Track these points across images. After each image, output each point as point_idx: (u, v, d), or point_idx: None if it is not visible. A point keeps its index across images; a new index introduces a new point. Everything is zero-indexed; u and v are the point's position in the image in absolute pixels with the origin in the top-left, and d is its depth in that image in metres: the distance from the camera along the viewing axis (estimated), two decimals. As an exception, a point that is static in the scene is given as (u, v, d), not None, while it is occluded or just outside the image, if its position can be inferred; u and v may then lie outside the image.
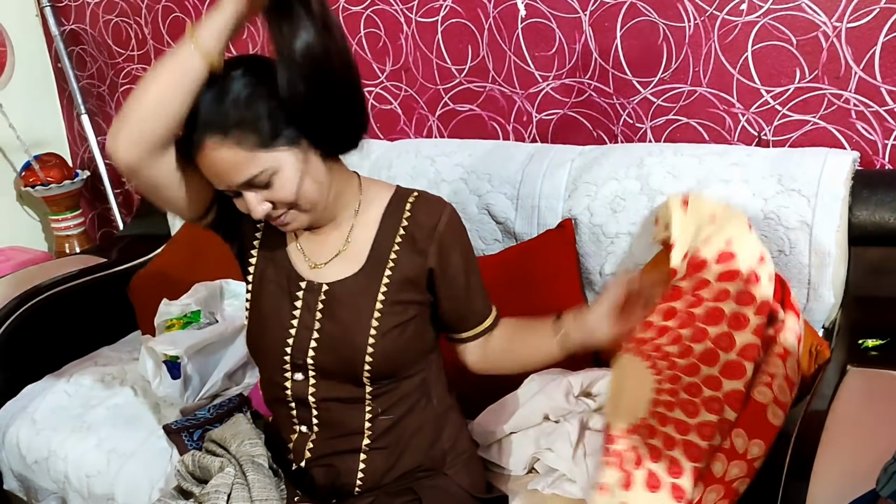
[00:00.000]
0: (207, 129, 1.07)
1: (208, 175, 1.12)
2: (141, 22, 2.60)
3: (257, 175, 1.09)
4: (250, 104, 1.07)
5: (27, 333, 2.02)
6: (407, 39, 2.13)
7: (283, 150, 1.10)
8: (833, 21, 1.62)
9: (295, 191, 1.13)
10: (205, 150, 1.08)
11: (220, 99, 1.07)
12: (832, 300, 1.52)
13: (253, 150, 1.08)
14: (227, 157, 1.08)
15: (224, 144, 1.07)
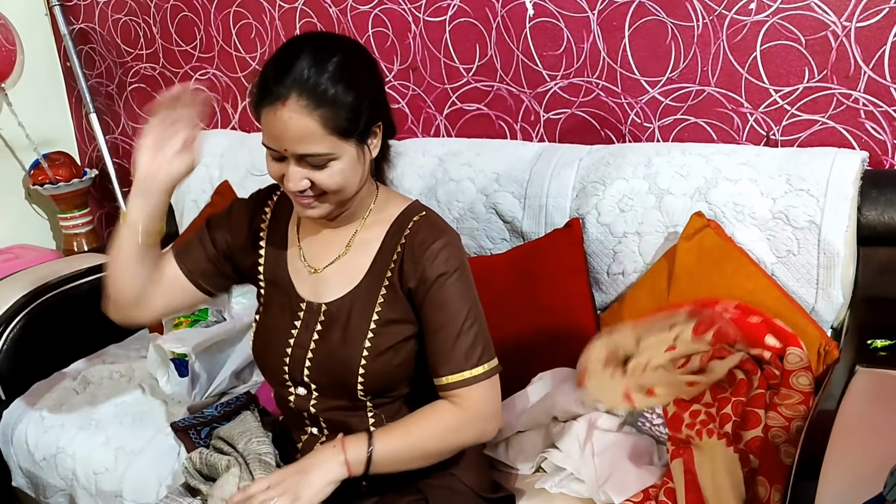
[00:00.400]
0: (301, 89, 1.08)
1: (270, 132, 1.11)
2: (150, 21, 2.61)
3: (320, 154, 1.11)
4: (347, 88, 1.10)
5: (36, 331, 2.03)
6: (415, 39, 2.13)
7: (351, 144, 1.13)
8: (842, 20, 1.61)
9: (341, 183, 1.14)
10: (286, 105, 1.08)
11: (322, 70, 1.09)
12: (841, 300, 1.51)
13: (331, 132, 1.10)
14: (304, 126, 1.08)
15: (309, 114, 1.08)
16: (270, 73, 1.11)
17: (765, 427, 1.31)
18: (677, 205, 1.63)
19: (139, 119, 2.79)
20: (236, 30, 2.44)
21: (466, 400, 1.19)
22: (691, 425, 1.33)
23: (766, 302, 1.49)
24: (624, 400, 1.37)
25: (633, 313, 1.62)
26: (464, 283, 1.21)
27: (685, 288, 1.56)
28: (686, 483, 1.27)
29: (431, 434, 1.20)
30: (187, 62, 2.59)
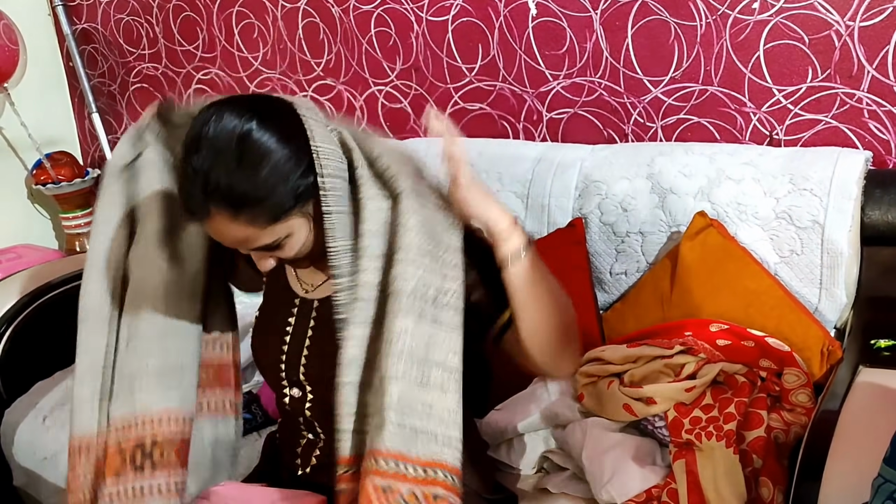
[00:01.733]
0: (214, 202, 1.00)
1: (212, 235, 1.07)
2: (152, 21, 2.61)
3: (269, 244, 1.06)
4: (266, 179, 1.00)
5: (38, 330, 2.02)
6: (417, 38, 2.12)
7: (295, 217, 1.05)
8: (846, 20, 1.61)
9: (305, 248, 1.09)
10: (211, 221, 1.03)
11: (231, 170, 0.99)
12: (844, 300, 1.51)
13: (266, 225, 1.03)
14: (236, 232, 1.03)
15: (234, 222, 1.01)
16: (182, 187, 1.04)
17: (767, 427, 1.30)
18: (680, 204, 1.63)
19: (141, 119, 2.79)
20: (239, 30, 2.44)
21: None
22: (690, 430, 1.33)
23: (769, 302, 1.49)
24: (624, 411, 1.38)
25: (636, 313, 1.62)
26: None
27: (688, 288, 1.55)
28: (688, 484, 1.27)
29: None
30: (190, 62, 2.59)
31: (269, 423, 1.71)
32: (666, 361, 1.42)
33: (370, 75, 2.24)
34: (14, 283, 2.10)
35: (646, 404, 1.38)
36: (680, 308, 1.55)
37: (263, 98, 1.07)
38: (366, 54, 2.23)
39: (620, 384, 1.43)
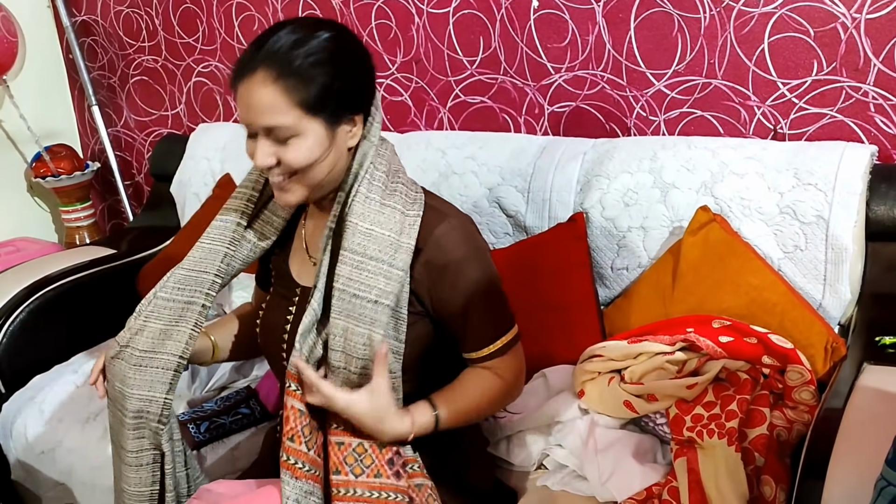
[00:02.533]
0: (270, 61, 1.09)
1: (240, 105, 1.13)
2: (152, 13, 2.59)
3: (281, 127, 1.10)
4: (318, 66, 1.10)
5: (36, 324, 2.02)
6: (418, 31, 2.11)
7: (318, 122, 1.12)
8: (852, 12, 1.59)
9: (306, 161, 1.13)
10: (254, 77, 1.09)
11: (296, 44, 1.10)
12: (848, 296, 1.49)
13: (296, 105, 1.10)
14: (268, 96, 1.09)
15: (274, 83, 1.09)
16: (247, 50, 1.13)
17: (770, 425, 1.29)
18: (683, 199, 1.61)
19: (141, 111, 2.78)
20: (239, 22, 2.42)
21: (501, 368, 1.26)
22: (692, 428, 1.32)
23: (773, 298, 1.47)
24: (625, 408, 1.37)
25: (638, 309, 1.60)
26: (478, 263, 1.22)
27: (690, 283, 1.54)
28: (689, 482, 1.26)
29: (482, 399, 1.26)
30: (189, 54, 2.57)
31: (267, 419, 1.70)
32: (667, 358, 1.40)
33: (371, 68, 2.23)
34: (13, 276, 2.10)
35: (647, 401, 1.37)
36: (682, 304, 1.53)
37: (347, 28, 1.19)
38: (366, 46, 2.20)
39: (621, 381, 1.41)
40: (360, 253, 1.15)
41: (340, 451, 1.19)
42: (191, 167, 2.38)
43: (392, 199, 1.19)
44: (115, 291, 2.22)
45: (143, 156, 2.85)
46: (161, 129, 2.76)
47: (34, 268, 2.14)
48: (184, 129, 2.69)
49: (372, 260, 1.15)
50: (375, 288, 1.15)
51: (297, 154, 1.12)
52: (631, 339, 1.46)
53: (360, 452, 1.19)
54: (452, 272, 1.19)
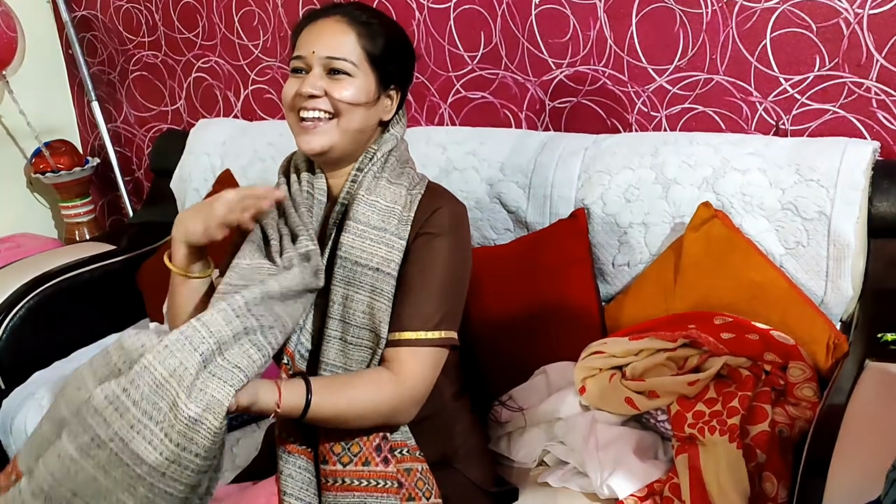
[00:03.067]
0: (344, 12, 1.22)
1: (305, 41, 1.21)
2: (152, 8, 2.59)
3: (344, 59, 1.19)
4: (386, 33, 1.23)
5: (36, 320, 2.02)
6: (419, 26, 2.10)
7: (373, 76, 1.22)
8: (855, 8, 1.58)
9: (353, 99, 1.20)
10: (329, 18, 1.21)
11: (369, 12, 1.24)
12: (850, 293, 1.49)
13: (362, 49, 1.20)
14: (341, 34, 1.20)
15: (349, 26, 1.20)
16: (317, 8, 1.26)
17: (771, 422, 1.29)
18: (684, 195, 1.60)
19: (141, 107, 2.77)
20: (238, 17, 2.42)
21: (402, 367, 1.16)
22: (693, 425, 1.32)
23: (774, 294, 1.47)
24: (626, 404, 1.36)
25: (639, 305, 1.60)
26: (450, 246, 1.21)
27: (692, 280, 1.53)
28: (691, 479, 1.25)
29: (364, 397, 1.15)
30: (189, 50, 2.57)
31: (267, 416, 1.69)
32: (669, 354, 1.40)
33: (371, 63, 2.22)
34: (13, 272, 2.10)
35: (648, 398, 1.37)
36: (683, 300, 1.53)
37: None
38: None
39: (622, 377, 1.41)
40: (364, 222, 1.20)
41: (328, 439, 1.19)
42: (191, 163, 2.38)
43: (399, 180, 1.26)
44: (115, 287, 2.22)
45: (143, 151, 2.85)
46: (161, 125, 2.75)
47: (34, 264, 2.14)
48: (184, 124, 2.68)
49: (374, 229, 1.20)
50: (377, 256, 1.19)
51: (347, 90, 1.20)
52: (632, 336, 1.46)
53: (348, 441, 1.18)
54: (424, 245, 1.21)
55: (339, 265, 1.19)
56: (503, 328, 1.63)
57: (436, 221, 1.22)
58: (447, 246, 1.21)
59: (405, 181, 1.26)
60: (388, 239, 1.19)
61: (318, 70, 1.20)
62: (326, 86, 1.19)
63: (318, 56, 1.19)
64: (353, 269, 1.18)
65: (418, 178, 1.29)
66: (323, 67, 1.20)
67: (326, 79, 1.20)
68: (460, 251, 1.24)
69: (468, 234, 1.28)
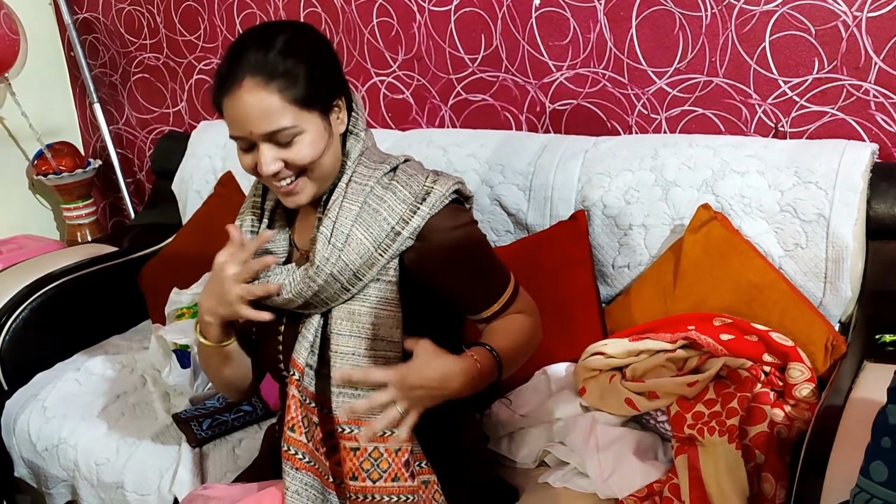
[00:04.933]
0: (251, 71, 1.09)
1: (233, 119, 1.12)
2: (153, 10, 2.59)
3: (285, 129, 1.11)
4: (298, 62, 1.12)
5: (38, 321, 2.02)
6: (420, 28, 2.11)
7: (315, 115, 1.14)
8: (853, 10, 1.59)
9: (313, 155, 1.14)
10: (241, 89, 1.09)
11: (269, 50, 1.11)
12: (849, 294, 1.50)
13: (290, 103, 1.11)
14: (263, 102, 1.09)
15: (265, 88, 1.09)
16: (223, 68, 1.13)
17: (770, 423, 1.30)
18: (684, 197, 1.61)
19: (143, 109, 2.78)
20: (240, 19, 2.43)
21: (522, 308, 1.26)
22: (693, 425, 1.32)
23: (773, 296, 1.47)
24: (626, 405, 1.37)
25: (639, 307, 1.61)
26: (468, 234, 1.23)
27: (691, 281, 1.54)
28: (690, 479, 1.26)
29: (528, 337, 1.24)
30: (191, 52, 2.58)
31: (269, 416, 1.71)
32: (668, 356, 1.41)
33: (372, 65, 2.23)
34: (15, 273, 2.10)
35: (648, 399, 1.38)
36: (683, 302, 1.54)
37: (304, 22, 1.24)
38: (368, 44, 2.21)
39: (622, 378, 1.42)
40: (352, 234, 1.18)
41: (356, 456, 1.18)
42: (192, 165, 2.39)
43: (387, 180, 1.22)
44: (117, 289, 2.22)
45: (145, 153, 2.85)
46: (162, 127, 2.76)
47: (37, 265, 2.14)
48: (185, 126, 2.69)
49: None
50: (375, 267, 1.18)
51: (303, 151, 1.13)
52: (632, 337, 1.47)
53: (376, 457, 1.18)
54: (445, 246, 1.21)
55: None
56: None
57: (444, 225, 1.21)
58: (465, 233, 1.23)
59: (399, 183, 1.21)
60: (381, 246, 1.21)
61: (266, 146, 1.12)
62: (281, 155, 1.13)
63: (258, 134, 1.11)
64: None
65: (410, 175, 1.23)
66: (268, 141, 1.12)
67: (277, 148, 1.13)
68: (477, 229, 1.27)
69: (469, 214, 1.28)
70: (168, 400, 1.81)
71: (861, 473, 0.86)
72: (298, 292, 1.18)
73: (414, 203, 1.19)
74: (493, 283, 1.25)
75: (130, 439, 1.69)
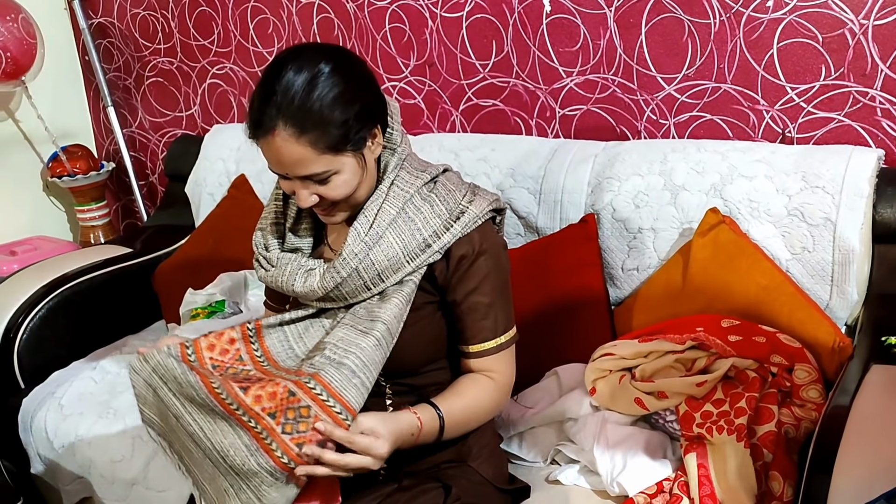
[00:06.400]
0: (284, 118, 1.11)
1: (269, 159, 1.16)
2: (168, 15, 2.63)
3: (319, 174, 1.15)
4: (334, 108, 1.12)
5: (55, 320, 2.05)
6: (432, 34, 2.14)
7: (347, 156, 1.16)
8: (860, 18, 1.61)
9: (346, 192, 1.18)
10: (274, 135, 1.11)
11: (306, 91, 1.11)
12: (855, 297, 1.52)
13: (323, 152, 1.14)
14: (295, 153, 1.12)
15: (298, 141, 1.11)
16: (255, 104, 1.14)
17: (778, 422, 1.32)
18: (692, 201, 1.64)
19: (156, 112, 2.82)
20: (254, 25, 2.46)
21: (497, 371, 1.28)
22: (701, 424, 1.35)
23: (781, 298, 1.49)
24: (635, 405, 1.39)
25: (648, 309, 1.63)
26: (493, 260, 1.26)
27: (700, 284, 1.56)
28: (699, 477, 1.28)
29: (478, 404, 1.28)
30: (204, 57, 2.61)
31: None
32: (677, 356, 1.43)
33: (384, 71, 2.26)
34: (31, 274, 2.13)
35: (657, 398, 1.40)
36: (691, 304, 1.56)
37: (341, 49, 1.20)
38: (380, 50, 2.24)
39: (632, 378, 1.44)
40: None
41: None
42: (206, 167, 2.42)
43: (426, 191, 1.26)
44: (130, 289, 2.25)
45: (158, 156, 2.89)
46: (175, 130, 2.79)
47: (53, 266, 2.17)
48: (198, 130, 2.72)
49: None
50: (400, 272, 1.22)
51: (337, 190, 1.18)
52: (641, 338, 1.49)
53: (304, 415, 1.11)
54: (472, 262, 1.25)
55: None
56: (515, 330, 1.66)
57: (478, 239, 1.26)
58: (493, 258, 1.27)
59: (437, 196, 1.25)
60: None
61: (300, 183, 1.17)
62: (317, 191, 1.17)
63: (293, 175, 1.16)
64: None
65: (448, 191, 1.27)
66: (302, 180, 1.16)
67: (313, 185, 1.17)
68: (504, 254, 1.31)
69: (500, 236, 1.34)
70: (183, 398, 1.83)
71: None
72: (322, 284, 1.21)
73: (448, 219, 1.23)
74: (497, 317, 1.27)
75: (146, 437, 1.70)
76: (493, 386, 1.28)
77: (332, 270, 1.20)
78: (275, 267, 1.27)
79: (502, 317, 1.28)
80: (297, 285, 1.24)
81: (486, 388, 1.28)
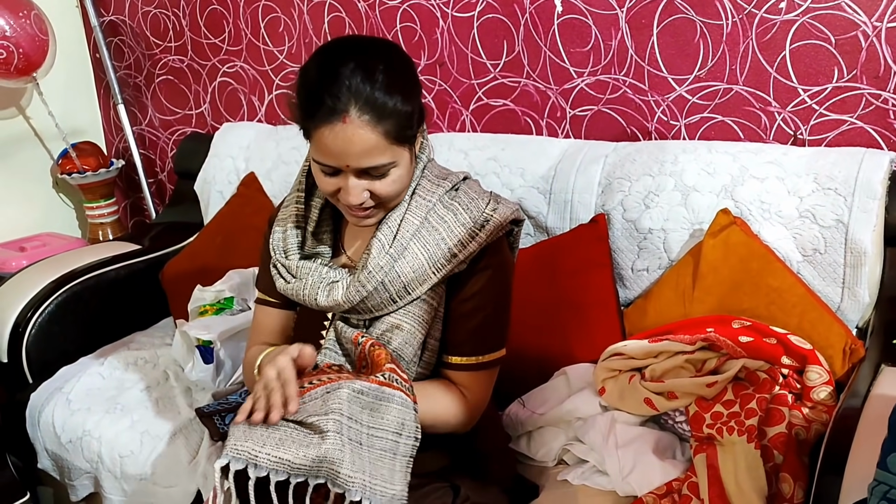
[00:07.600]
0: (361, 104, 1.07)
1: (328, 149, 1.09)
2: (179, 13, 2.64)
3: (383, 165, 1.12)
4: (403, 100, 1.10)
5: (64, 316, 2.05)
6: (443, 34, 2.14)
7: (406, 149, 1.15)
8: (873, 20, 1.61)
9: (399, 189, 1.16)
10: (347, 122, 1.07)
11: (374, 84, 1.07)
12: (867, 299, 1.51)
13: (392, 142, 1.10)
14: (368, 140, 1.08)
15: (373, 129, 1.08)
16: (320, 86, 1.08)
17: (788, 424, 1.31)
18: (703, 202, 1.63)
19: (166, 110, 2.82)
20: (265, 23, 2.46)
21: (469, 389, 1.25)
22: (711, 425, 1.34)
23: (792, 300, 1.49)
24: (645, 405, 1.39)
25: (658, 309, 1.62)
26: (497, 276, 1.24)
27: (710, 285, 1.56)
28: (709, 478, 1.28)
29: (445, 419, 1.23)
30: (215, 55, 2.62)
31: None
32: (687, 357, 1.43)
33: (394, 70, 2.26)
34: (40, 270, 2.14)
35: (667, 399, 1.39)
36: (702, 305, 1.56)
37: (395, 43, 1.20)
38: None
39: (641, 379, 1.44)
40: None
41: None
42: (215, 165, 2.42)
43: (448, 199, 1.24)
44: (139, 286, 2.26)
45: (167, 154, 2.89)
46: (185, 128, 2.80)
47: (62, 262, 2.18)
48: (207, 128, 2.73)
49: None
50: (426, 284, 1.22)
51: (391, 186, 1.15)
52: (651, 339, 1.48)
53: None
54: (474, 273, 1.23)
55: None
56: (524, 331, 1.65)
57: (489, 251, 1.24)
58: (501, 273, 1.26)
59: (458, 203, 1.23)
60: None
61: (354, 178, 1.12)
62: (370, 186, 1.14)
63: (355, 167, 1.11)
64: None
65: (470, 198, 1.24)
66: (359, 173, 1.12)
67: (367, 180, 1.13)
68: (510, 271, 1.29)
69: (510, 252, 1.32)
70: (190, 395, 1.84)
71: (878, 467, 0.88)
72: (347, 297, 1.19)
73: (473, 228, 1.20)
74: (486, 334, 1.26)
75: (154, 432, 1.72)
76: (464, 402, 1.25)
77: (357, 284, 1.18)
78: (296, 278, 1.25)
79: (491, 335, 1.26)
80: (320, 299, 1.22)
81: (456, 401, 1.24)
